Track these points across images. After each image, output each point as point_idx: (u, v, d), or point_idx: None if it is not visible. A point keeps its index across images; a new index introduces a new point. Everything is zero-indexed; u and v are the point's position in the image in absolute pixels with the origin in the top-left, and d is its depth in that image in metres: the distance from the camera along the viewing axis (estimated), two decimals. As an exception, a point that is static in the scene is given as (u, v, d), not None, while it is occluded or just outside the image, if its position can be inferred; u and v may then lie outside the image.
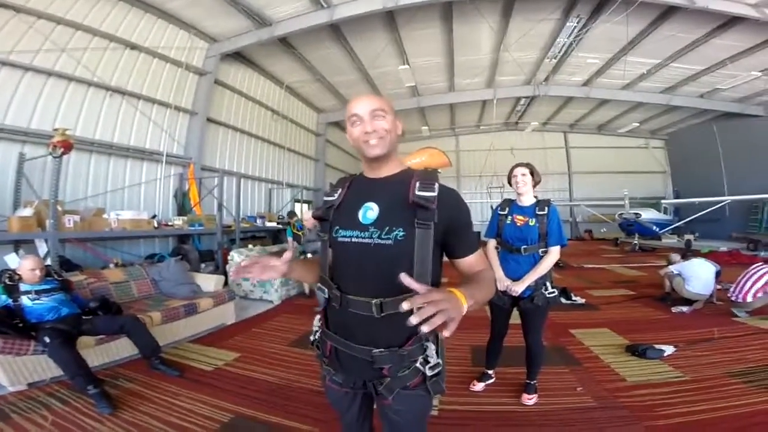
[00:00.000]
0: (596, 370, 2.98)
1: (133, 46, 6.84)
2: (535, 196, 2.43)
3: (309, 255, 5.01)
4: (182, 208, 7.60)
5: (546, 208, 2.32)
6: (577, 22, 7.52)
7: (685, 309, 4.60)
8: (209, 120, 8.62)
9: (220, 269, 6.42)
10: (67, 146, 4.55)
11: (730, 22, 7.53)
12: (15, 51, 5.24)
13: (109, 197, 6.49)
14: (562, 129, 17.35)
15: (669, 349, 3.22)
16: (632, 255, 10.90)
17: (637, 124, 14.55)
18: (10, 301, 2.73)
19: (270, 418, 2.28)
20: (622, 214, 12.35)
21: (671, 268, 5.07)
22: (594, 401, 2.46)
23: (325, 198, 1.17)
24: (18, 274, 2.85)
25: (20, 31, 5.31)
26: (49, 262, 4.05)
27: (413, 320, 0.70)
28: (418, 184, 1.02)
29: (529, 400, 2.44)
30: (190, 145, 8.04)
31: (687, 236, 11.65)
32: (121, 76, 6.75)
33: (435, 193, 1.00)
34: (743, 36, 7.99)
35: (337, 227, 1.09)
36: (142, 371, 2.90)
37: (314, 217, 1.22)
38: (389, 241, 1.00)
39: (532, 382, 2.50)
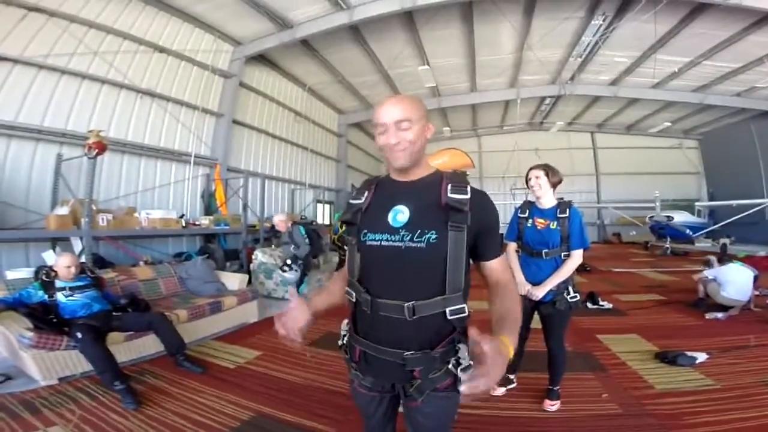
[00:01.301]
0: (623, 376, 2.88)
1: (162, 50, 7.08)
2: (560, 198, 2.36)
3: (288, 262, 4.90)
4: (209, 208, 7.82)
5: (567, 211, 2.25)
6: (603, 20, 7.27)
7: (720, 315, 4.38)
8: (235, 122, 8.84)
9: (245, 268, 6.57)
10: (101, 147, 4.76)
11: (766, 18, 7.12)
12: (52, 54, 5.49)
13: (140, 197, 6.75)
14: (589, 129, 16.81)
15: (701, 357, 3.08)
16: (663, 259, 10.47)
17: (669, 124, 13.91)
18: (46, 297, 2.84)
19: (289, 417, 2.31)
20: (653, 216, 11.89)
21: (706, 272, 4.87)
22: (619, 408, 2.38)
23: (351, 201, 1.16)
24: (54, 271, 2.98)
25: (55, 35, 5.54)
26: (83, 259, 4.24)
27: (464, 390, 0.79)
28: (450, 187, 1.02)
29: (552, 406, 2.38)
30: (216, 147, 8.28)
31: (722, 240, 11.09)
32: (151, 79, 7.00)
33: (468, 196, 1.00)
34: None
35: (366, 231, 1.07)
36: (167, 368, 2.99)
37: (342, 221, 1.19)
38: (421, 245, 0.99)
39: (554, 388, 2.43)
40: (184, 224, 6.42)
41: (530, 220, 2.34)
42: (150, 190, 7.00)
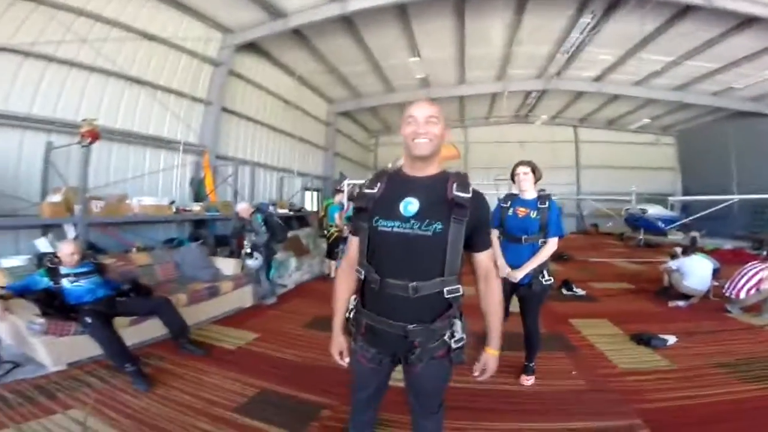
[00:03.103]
0: (591, 356, 3.20)
1: (151, 37, 6.98)
2: (542, 190, 2.60)
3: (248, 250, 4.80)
4: (198, 195, 7.85)
5: (547, 202, 2.51)
6: (591, 19, 7.51)
7: (681, 303, 4.77)
8: (224, 110, 8.80)
9: (236, 254, 6.69)
10: (94, 136, 4.75)
11: (748, 21, 7.47)
12: (39, 42, 5.40)
13: (130, 184, 6.73)
14: (572, 123, 17.26)
15: (672, 339, 3.43)
16: (637, 250, 11.01)
17: (648, 121, 14.45)
18: (51, 283, 2.90)
19: (294, 392, 2.51)
20: (628, 209, 12.42)
21: (670, 263, 5.22)
22: (587, 384, 2.68)
23: (366, 190, 1.29)
24: (57, 258, 3.04)
25: (42, 22, 5.43)
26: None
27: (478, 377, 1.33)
28: (455, 185, 1.19)
29: (527, 381, 2.67)
30: (205, 134, 8.25)
31: (693, 233, 11.69)
32: (140, 67, 6.91)
33: (470, 195, 1.19)
34: (761, 36, 7.91)
35: (377, 217, 1.23)
36: (170, 350, 3.13)
37: (356, 207, 1.32)
38: (428, 233, 1.17)
39: (530, 365, 2.71)
40: (175, 210, 6.47)
41: (511, 209, 2.59)
42: (139, 177, 6.98)
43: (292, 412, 2.29)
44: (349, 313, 1.37)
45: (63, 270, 2.98)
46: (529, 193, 2.59)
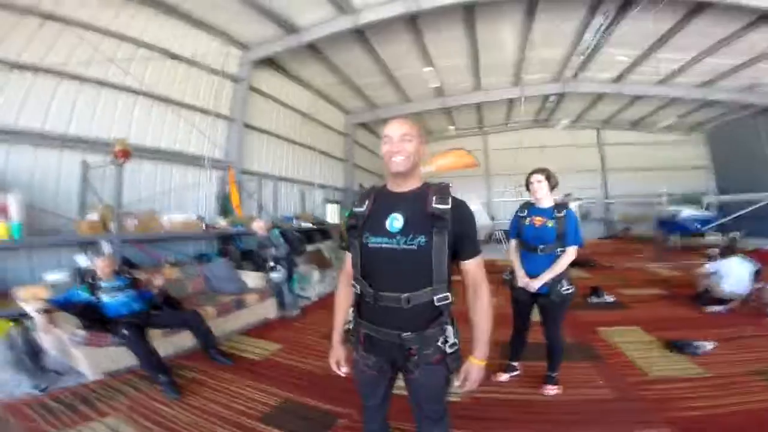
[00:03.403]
0: (619, 365, 3.10)
1: (173, 56, 7.33)
2: (568, 194, 2.58)
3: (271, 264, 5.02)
4: (224, 210, 8.13)
5: (564, 211, 2.48)
6: (604, 20, 7.40)
7: (719, 308, 4.54)
8: (246, 126, 9.12)
9: (261, 267, 6.87)
10: (126, 155, 5.05)
11: (765, 17, 7.17)
12: (70, 63, 5.70)
13: (159, 200, 7.05)
14: (594, 126, 16.83)
15: (708, 346, 3.27)
16: (670, 254, 10.54)
17: (675, 120, 13.93)
18: (91, 297, 3.10)
19: (314, 402, 2.57)
20: (660, 211, 11.95)
21: (707, 266, 4.98)
22: (613, 394, 2.60)
23: (355, 210, 1.37)
24: (96, 273, 3.24)
25: (72, 43, 5.75)
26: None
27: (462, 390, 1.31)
28: (434, 198, 1.26)
29: (550, 390, 2.61)
30: (230, 150, 8.57)
31: (732, 233, 11.10)
32: (166, 85, 7.25)
33: (449, 206, 1.25)
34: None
35: (367, 233, 1.31)
36: (200, 360, 3.27)
37: (348, 226, 1.39)
38: (413, 246, 1.24)
39: (553, 375, 2.66)
40: (204, 226, 6.73)
41: (528, 219, 2.57)
42: (168, 193, 7.31)
43: (311, 422, 2.35)
44: (348, 325, 1.44)
45: (101, 284, 3.17)
46: (545, 201, 2.56)
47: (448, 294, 1.28)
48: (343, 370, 1.45)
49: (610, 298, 5.32)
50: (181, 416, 2.41)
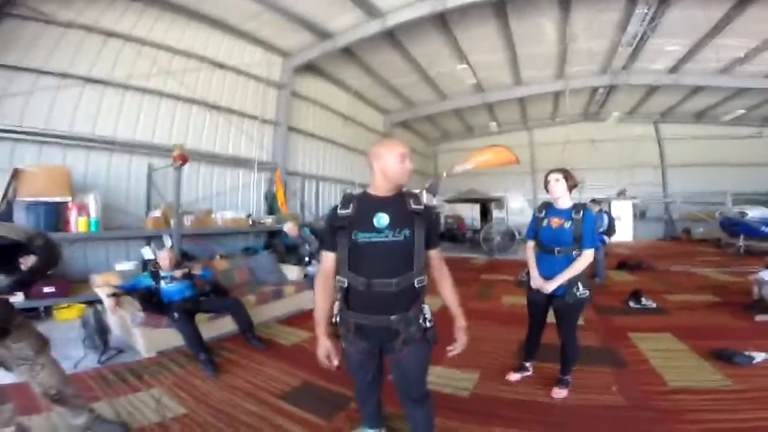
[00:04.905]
0: (641, 372, 3.01)
1: (221, 65, 8.02)
2: (622, 191, 2.57)
3: (307, 259, 5.42)
4: (271, 208, 8.74)
5: (581, 212, 2.46)
6: (648, 9, 6.95)
7: (771, 319, 4.20)
8: (290, 128, 9.69)
9: (302, 262, 7.32)
10: (184, 159, 5.60)
11: None
12: (132, 75, 6.47)
13: (214, 199, 7.79)
14: (651, 119, 15.60)
15: (760, 356, 3.09)
16: (734, 258, 9.61)
17: (743, 111, 12.57)
18: (153, 284, 3.62)
19: (330, 386, 2.81)
20: (722, 212, 10.92)
21: (762, 273, 4.61)
22: (626, 401, 2.55)
23: (340, 212, 1.56)
24: (158, 263, 3.78)
25: (132, 57, 6.50)
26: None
27: (455, 352, 1.62)
28: (411, 201, 1.56)
29: (559, 393, 2.61)
30: (276, 153, 9.19)
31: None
32: (216, 94, 7.97)
33: (422, 207, 1.57)
34: None
35: (356, 231, 1.52)
36: (238, 344, 3.66)
37: (335, 226, 1.57)
38: (400, 238, 1.51)
39: (564, 378, 2.65)
40: (251, 223, 7.33)
41: (546, 220, 2.58)
42: (222, 193, 8.03)
43: (326, 403, 2.60)
44: (335, 318, 1.64)
45: (162, 273, 3.67)
46: (563, 201, 2.55)
47: (425, 278, 1.55)
48: (335, 363, 1.62)
49: (651, 304, 5.07)
50: (214, 391, 2.77)
